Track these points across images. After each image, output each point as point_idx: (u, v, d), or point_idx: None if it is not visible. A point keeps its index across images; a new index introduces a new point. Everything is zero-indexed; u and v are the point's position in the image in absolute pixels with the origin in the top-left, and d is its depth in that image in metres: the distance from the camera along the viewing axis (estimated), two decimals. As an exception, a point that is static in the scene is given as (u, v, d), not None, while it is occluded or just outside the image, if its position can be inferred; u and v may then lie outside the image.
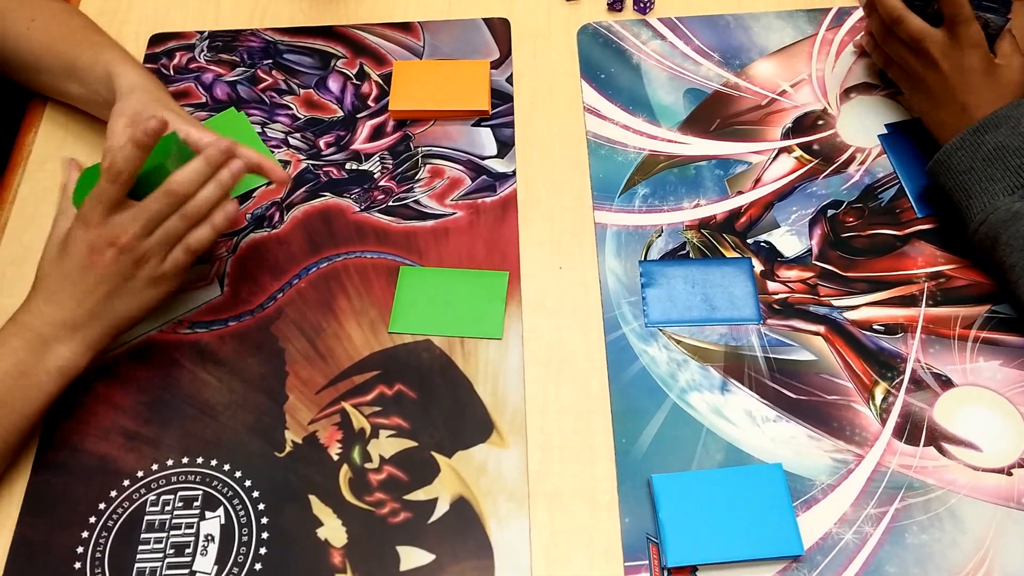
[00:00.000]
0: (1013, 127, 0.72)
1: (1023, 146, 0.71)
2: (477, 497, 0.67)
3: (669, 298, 0.76)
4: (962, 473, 0.67)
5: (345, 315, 0.75)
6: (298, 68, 0.91)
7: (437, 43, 0.93)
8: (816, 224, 0.80)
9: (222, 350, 0.73)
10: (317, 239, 0.80)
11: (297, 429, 0.70)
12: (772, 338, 0.74)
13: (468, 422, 0.70)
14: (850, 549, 0.65)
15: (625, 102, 0.88)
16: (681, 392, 0.71)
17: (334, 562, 0.64)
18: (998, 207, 0.71)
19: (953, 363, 0.72)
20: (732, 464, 0.68)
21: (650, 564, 0.64)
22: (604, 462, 0.69)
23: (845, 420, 0.70)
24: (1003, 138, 0.72)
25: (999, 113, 0.72)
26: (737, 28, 0.93)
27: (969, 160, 0.73)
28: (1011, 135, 0.71)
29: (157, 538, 0.65)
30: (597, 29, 0.94)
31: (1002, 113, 0.72)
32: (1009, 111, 0.72)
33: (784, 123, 0.86)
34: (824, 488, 0.67)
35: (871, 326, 0.74)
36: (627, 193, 0.82)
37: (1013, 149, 0.71)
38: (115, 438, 0.69)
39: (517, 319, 0.75)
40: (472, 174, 0.84)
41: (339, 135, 0.86)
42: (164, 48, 0.93)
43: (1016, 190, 0.71)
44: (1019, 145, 0.71)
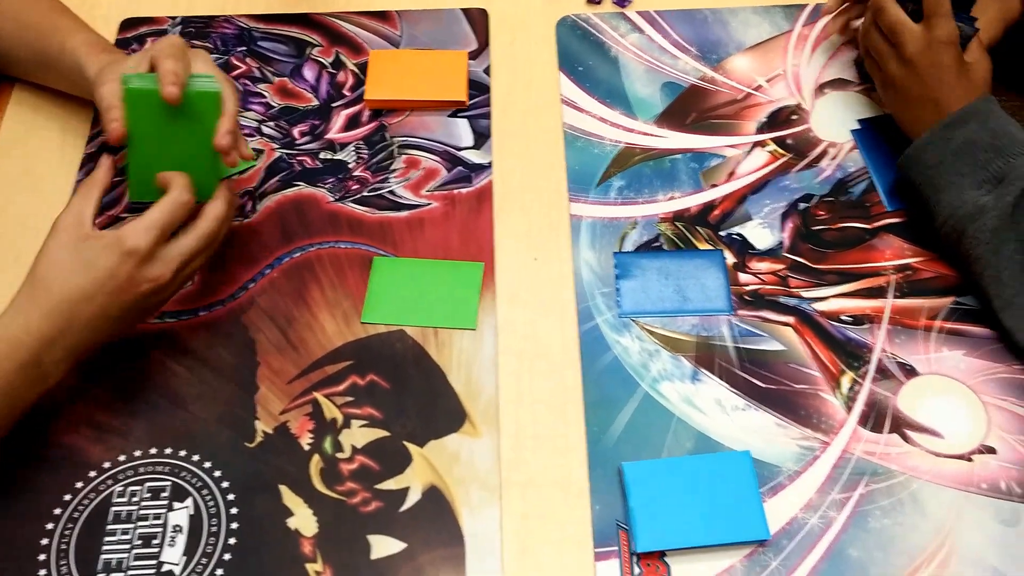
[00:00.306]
0: (982, 122, 0.73)
1: (991, 141, 0.72)
2: (449, 486, 0.67)
3: (642, 289, 0.77)
4: (924, 459, 0.69)
5: (318, 305, 0.75)
6: (273, 56, 0.91)
7: (415, 32, 0.93)
8: (788, 217, 0.81)
9: (192, 340, 0.73)
10: (290, 229, 0.79)
11: (268, 419, 0.70)
12: (742, 328, 0.75)
13: (441, 412, 0.70)
14: (815, 533, 0.65)
15: (602, 95, 0.88)
16: (653, 382, 0.72)
17: (304, 552, 0.64)
18: (965, 201, 0.72)
19: (918, 353, 0.73)
20: (702, 452, 0.69)
21: (620, 550, 0.65)
22: (576, 451, 0.69)
23: (812, 408, 0.71)
24: (972, 133, 0.73)
25: (968, 108, 0.74)
26: (715, 22, 0.94)
27: (939, 155, 0.74)
28: (980, 130, 0.73)
29: (124, 529, 0.65)
30: (576, 21, 0.94)
31: (971, 108, 0.74)
32: (979, 106, 0.74)
33: (759, 117, 0.87)
34: (791, 474, 0.68)
35: (839, 317, 0.75)
36: (603, 185, 0.83)
37: (981, 144, 0.72)
38: (82, 429, 0.69)
39: (491, 310, 0.75)
40: (448, 165, 0.84)
41: (314, 124, 0.86)
42: (135, 33, 0.92)
43: (983, 184, 0.72)
44: (987, 140, 0.72)
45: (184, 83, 0.66)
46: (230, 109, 0.69)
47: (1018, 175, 0.70)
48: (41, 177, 0.82)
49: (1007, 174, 0.71)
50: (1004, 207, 0.70)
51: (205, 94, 0.67)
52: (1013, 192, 0.70)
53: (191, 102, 0.67)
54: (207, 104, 0.68)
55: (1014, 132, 0.72)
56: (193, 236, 0.67)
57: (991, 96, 0.75)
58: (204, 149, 0.68)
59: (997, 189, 0.71)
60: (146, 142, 0.68)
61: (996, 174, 0.71)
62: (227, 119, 0.68)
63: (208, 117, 0.68)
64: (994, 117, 0.73)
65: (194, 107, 0.67)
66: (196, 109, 0.67)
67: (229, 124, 0.68)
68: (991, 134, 0.72)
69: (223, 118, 0.68)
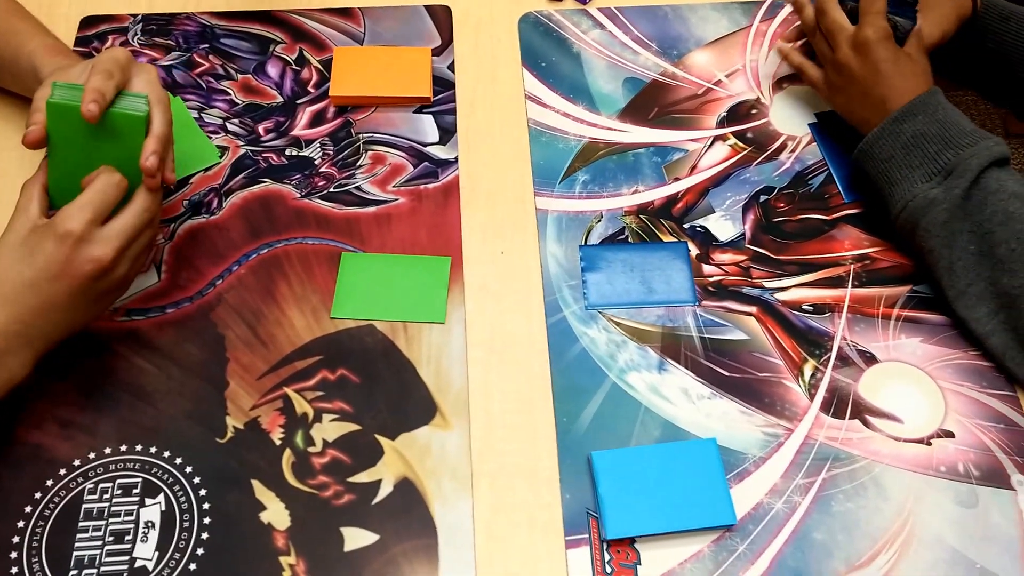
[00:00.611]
0: (931, 114, 0.75)
1: (940, 132, 0.74)
2: (421, 478, 0.67)
3: (608, 281, 0.78)
4: (885, 444, 0.70)
5: (287, 301, 0.75)
6: (236, 53, 0.90)
7: (378, 29, 0.93)
8: (749, 209, 0.82)
9: (160, 337, 0.73)
10: (257, 225, 0.79)
11: (239, 415, 0.70)
12: (707, 319, 0.76)
13: (411, 405, 0.71)
14: (780, 518, 0.67)
15: (566, 90, 0.89)
16: (620, 372, 0.73)
17: (277, 545, 0.64)
18: (916, 194, 0.74)
19: (877, 340, 0.75)
20: (669, 440, 0.70)
21: (590, 537, 0.66)
22: (545, 441, 0.70)
23: (776, 396, 0.72)
24: (921, 125, 0.74)
25: (917, 101, 0.75)
26: (675, 19, 0.95)
27: (890, 149, 0.76)
28: (928, 122, 0.74)
29: (96, 526, 0.64)
30: (538, 18, 0.95)
31: (919, 101, 0.75)
32: (927, 98, 0.75)
33: (719, 112, 0.89)
34: (756, 461, 0.69)
35: (800, 306, 0.77)
36: (568, 179, 0.83)
37: (931, 136, 0.74)
38: (50, 427, 0.68)
39: (460, 303, 0.76)
40: (414, 160, 0.84)
41: (278, 121, 0.86)
42: (96, 31, 0.91)
43: (933, 176, 0.73)
44: (936, 132, 0.74)
45: (108, 101, 0.65)
46: (157, 131, 0.67)
47: (967, 167, 0.72)
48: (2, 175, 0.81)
49: (956, 166, 0.72)
50: (954, 199, 0.72)
51: (127, 116, 0.66)
52: (962, 185, 0.72)
53: (113, 122, 0.65)
54: (131, 126, 0.66)
55: (962, 123, 0.74)
56: (130, 213, 0.65)
57: (937, 88, 0.77)
58: (130, 168, 0.66)
59: (947, 181, 0.73)
60: (67, 153, 0.66)
61: (945, 166, 0.73)
62: (152, 141, 0.66)
63: (133, 138, 0.66)
64: (942, 109, 0.75)
65: (117, 127, 0.66)
66: (119, 129, 0.66)
67: (154, 146, 0.66)
68: (939, 126, 0.74)
69: (148, 139, 0.66)
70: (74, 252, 0.63)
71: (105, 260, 0.64)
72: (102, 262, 0.63)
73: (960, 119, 0.75)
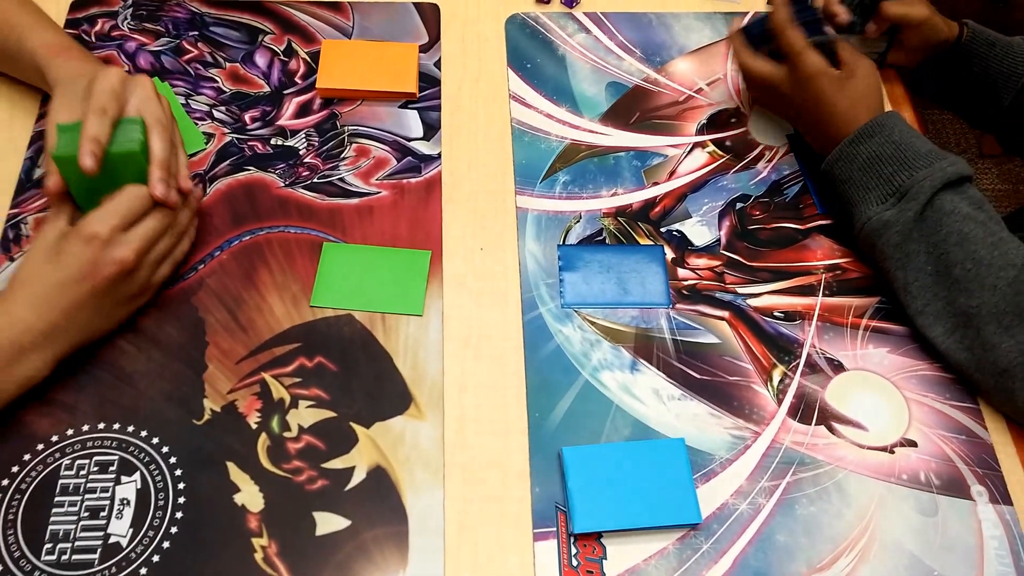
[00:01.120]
0: (886, 136, 0.76)
1: (894, 154, 0.75)
2: (394, 466, 0.68)
3: (585, 281, 0.79)
4: (849, 450, 0.72)
5: (267, 288, 0.76)
6: (225, 41, 0.91)
7: (367, 24, 0.94)
8: (725, 216, 0.84)
9: (141, 319, 0.73)
10: (240, 212, 0.80)
11: (216, 398, 0.70)
12: (680, 322, 0.77)
13: (387, 395, 0.72)
14: (744, 518, 0.69)
15: (549, 92, 0.91)
16: (593, 370, 0.74)
17: (250, 526, 0.65)
18: (871, 216, 0.75)
19: (845, 349, 0.77)
20: (638, 439, 0.71)
21: (558, 531, 0.67)
22: (517, 435, 0.71)
23: (744, 399, 0.74)
24: (876, 147, 0.76)
25: (873, 123, 0.77)
26: (659, 26, 0.97)
27: (847, 171, 0.77)
28: (883, 144, 0.76)
29: (72, 501, 0.65)
30: (525, 20, 0.96)
31: (876, 123, 0.77)
32: (883, 120, 0.77)
33: (699, 119, 0.90)
34: (723, 462, 0.71)
35: (772, 313, 0.79)
36: (548, 180, 0.85)
37: (886, 157, 0.75)
38: (29, 403, 0.68)
39: (438, 297, 0.77)
40: (398, 155, 0.85)
41: (265, 110, 0.87)
42: (86, 14, 0.91)
43: (888, 199, 0.75)
44: (891, 153, 0.75)
45: (105, 144, 0.67)
46: (158, 157, 0.70)
47: (920, 188, 0.73)
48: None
49: (910, 188, 0.73)
50: (906, 221, 0.73)
51: (123, 154, 0.68)
52: (915, 207, 0.73)
53: (113, 161, 0.68)
54: (130, 159, 0.69)
55: (918, 145, 0.75)
56: (152, 218, 0.69)
57: (894, 111, 0.78)
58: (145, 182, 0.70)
59: (900, 204, 0.74)
60: (84, 186, 0.69)
61: (899, 188, 0.74)
62: (155, 169, 0.70)
63: (136, 163, 0.69)
64: (898, 131, 0.76)
65: (118, 163, 0.68)
66: (122, 163, 0.69)
67: (158, 173, 0.69)
68: (894, 147, 0.75)
69: (152, 167, 0.70)
70: (99, 254, 0.66)
71: (128, 262, 0.67)
72: (126, 264, 0.67)
73: (916, 140, 0.76)
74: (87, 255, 0.65)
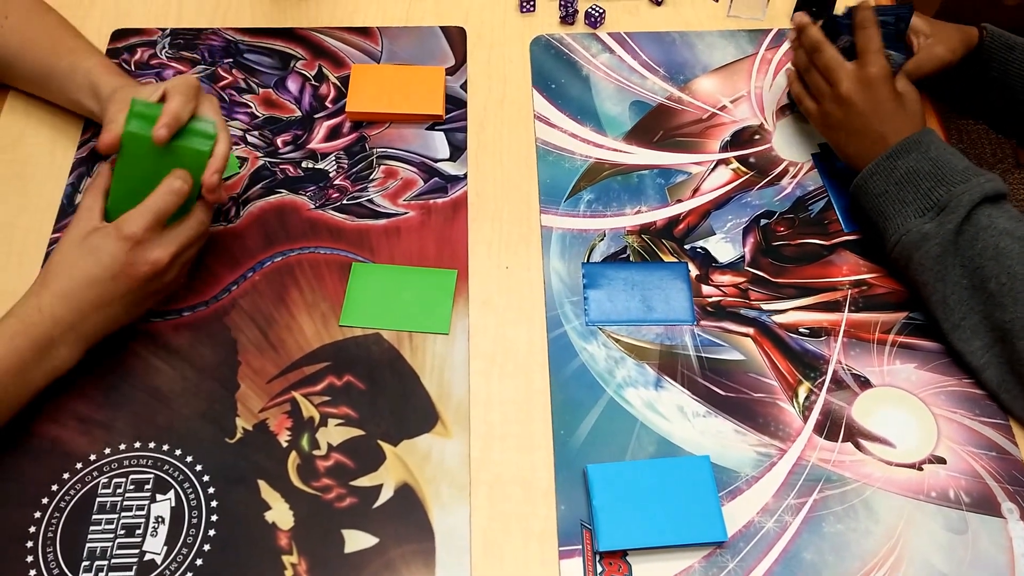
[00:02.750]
0: (924, 152, 0.76)
1: (932, 170, 0.75)
2: (420, 484, 0.69)
3: (609, 299, 0.80)
4: (876, 467, 0.72)
5: (297, 308, 0.78)
6: (258, 68, 0.93)
7: (395, 48, 0.96)
8: (749, 232, 0.84)
9: (176, 339, 0.75)
10: (272, 234, 0.82)
11: (248, 416, 0.72)
12: (704, 338, 0.78)
13: (414, 412, 0.73)
14: (770, 537, 0.68)
15: (574, 111, 0.92)
16: (617, 387, 0.75)
17: (280, 544, 0.66)
18: (909, 229, 0.75)
19: (872, 365, 0.77)
20: (663, 456, 0.71)
21: (583, 549, 0.68)
22: (543, 452, 0.72)
23: (770, 416, 0.74)
24: (914, 163, 0.76)
25: (911, 139, 0.77)
26: (682, 45, 0.98)
27: (884, 184, 0.77)
28: (921, 160, 0.76)
29: (108, 519, 0.67)
30: (549, 41, 0.97)
31: (913, 139, 0.77)
32: (920, 137, 0.77)
33: (723, 136, 0.91)
34: (748, 479, 0.71)
35: (797, 329, 0.79)
36: (573, 198, 0.86)
37: (923, 173, 0.75)
38: (68, 421, 0.71)
39: (464, 315, 0.78)
40: (425, 176, 0.87)
41: (296, 134, 0.89)
42: (126, 44, 0.94)
43: (926, 212, 0.75)
44: (929, 169, 0.75)
45: (179, 126, 0.70)
46: (220, 152, 0.73)
47: (959, 203, 0.73)
48: (32, 180, 0.84)
49: (948, 202, 0.73)
50: (946, 234, 0.73)
51: (195, 152, 0.71)
52: (954, 220, 0.73)
53: (180, 154, 0.71)
54: (196, 158, 0.71)
55: (954, 162, 0.75)
56: (189, 223, 0.72)
57: (930, 128, 0.78)
58: None
59: (939, 217, 0.74)
60: (135, 167, 0.71)
61: (938, 202, 0.74)
62: (216, 160, 0.72)
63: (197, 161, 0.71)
64: (935, 147, 0.76)
65: (184, 157, 0.71)
66: (186, 158, 0.71)
67: (217, 165, 0.72)
68: (932, 163, 0.75)
69: (213, 159, 0.72)
70: (135, 253, 0.68)
71: (161, 263, 0.69)
72: (159, 264, 0.69)
73: (953, 157, 0.76)
74: (123, 254, 0.68)
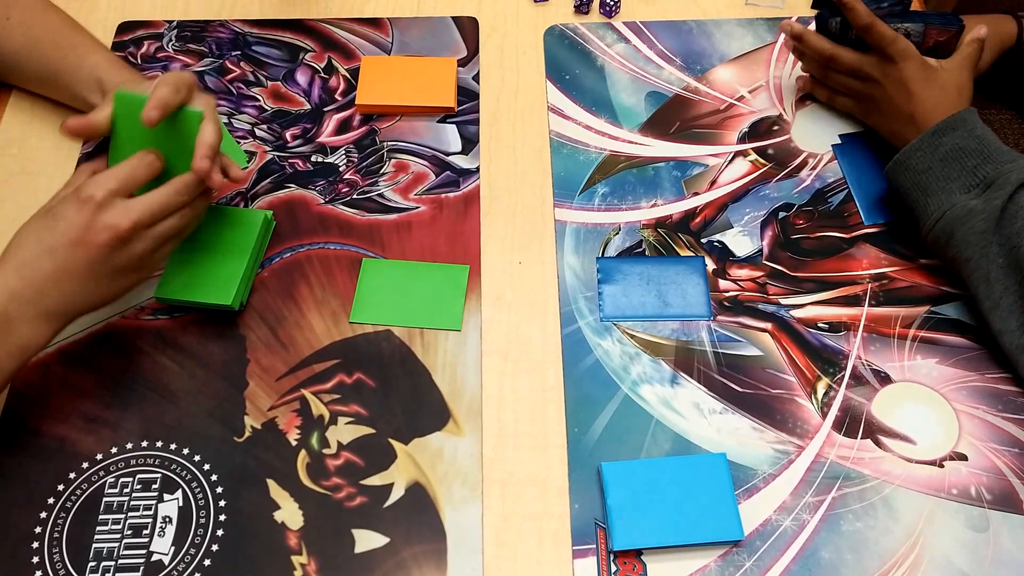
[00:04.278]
0: (969, 130, 0.75)
1: (978, 147, 0.74)
2: (432, 482, 0.68)
3: (624, 294, 0.78)
4: (896, 464, 0.70)
5: (307, 304, 0.77)
6: (266, 60, 0.92)
7: (406, 40, 0.94)
8: (767, 225, 0.83)
9: (184, 337, 0.75)
10: (281, 229, 0.81)
11: (257, 415, 0.71)
12: (721, 334, 0.76)
13: (425, 410, 0.72)
14: (788, 535, 0.67)
15: (588, 103, 0.90)
16: (633, 384, 0.74)
17: (290, 544, 0.66)
18: (955, 204, 0.74)
19: (892, 360, 0.75)
20: (679, 453, 0.70)
21: (597, 548, 0.67)
22: (556, 450, 0.71)
23: (788, 413, 0.73)
24: (959, 140, 0.75)
25: (955, 117, 0.76)
26: (699, 34, 0.96)
27: (928, 160, 0.76)
28: (967, 137, 0.75)
29: (115, 519, 0.66)
30: (563, 31, 0.96)
31: (958, 117, 0.76)
32: (965, 115, 0.76)
33: (741, 128, 0.89)
34: (765, 477, 0.70)
35: (816, 324, 0.77)
36: (587, 192, 0.84)
37: (969, 150, 0.74)
38: (75, 421, 0.70)
39: (476, 311, 0.77)
40: (436, 169, 0.85)
41: (305, 128, 0.88)
42: (132, 36, 0.93)
43: (972, 188, 0.74)
44: (975, 147, 0.74)
45: (168, 110, 0.66)
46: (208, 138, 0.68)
47: (1007, 180, 0.72)
48: (36, 176, 0.84)
49: (995, 179, 0.72)
50: (993, 210, 0.72)
51: (186, 112, 0.67)
52: (1002, 196, 0.71)
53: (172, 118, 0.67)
54: (187, 123, 0.68)
55: (998, 142, 0.75)
56: (159, 192, 0.66)
57: (973, 108, 0.77)
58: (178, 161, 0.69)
59: (986, 193, 0.73)
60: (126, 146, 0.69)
61: (984, 179, 0.73)
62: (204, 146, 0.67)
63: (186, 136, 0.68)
64: (980, 126, 0.76)
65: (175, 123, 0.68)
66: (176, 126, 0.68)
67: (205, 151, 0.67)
68: (978, 141, 0.75)
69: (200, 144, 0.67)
70: (93, 218, 0.63)
71: (121, 229, 0.63)
72: (118, 230, 0.63)
73: (996, 139, 0.75)
74: (81, 218, 0.63)
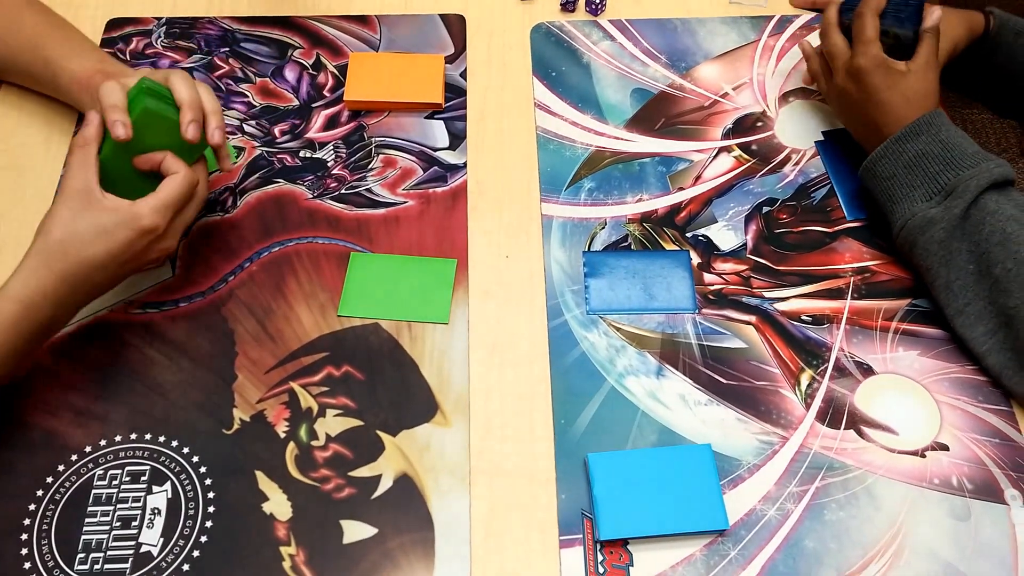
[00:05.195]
0: (933, 135, 0.75)
1: (941, 153, 0.74)
2: (420, 474, 0.69)
3: (610, 287, 0.79)
4: (879, 455, 0.71)
5: (295, 298, 0.77)
6: (255, 57, 0.93)
7: (393, 36, 0.95)
8: (751, 220, 0.83)
9: (172, 330, 0.75)
10: (269, 224, 0.81)
11: (245, 407, 0.71)
12: (706, 327, 0.77)
13: (413, 402, 0.72)
14: (772, 525, 0.68)
15: (574, 99, 0.91)
16: (619, 376, 0.74)
17: (279, 535, 0.66)
18: (915, 213, 0.74)
19: (874, 352, 0.76)
20: (665, 445, 0.71)
21: (584, 538, 0.67)
22: (543, 442, 0.71)
23: (772, 404, 0.73)
24: (923, 145, 0.75)
25: (920, 121, 0.76)
26: (684, 32, 0.97)
27: (892, 167, 0.77)
28: (931, 143, 0.75)
29: (104, 511, 0.67)
30: (550, 28, 0.96)
31: (923, 121, 0.76)
32: (930, 119, 0.76)
33: (725, 124, 0.90)
34: (750, 468, 0.70)
35: (799, 317, 0.78)
36: (573, 187, 0.85)
37: (932, 156, 0.75)
38: (64, 414, 0.70)
39: (464, 305, 0.77)
40: (424, 165, 0.86)
41: (294, 123, 0.88)
42: (121, 33, 0.94)
43: (933, 196, 0.74)
44: (938, 152, 0.75)
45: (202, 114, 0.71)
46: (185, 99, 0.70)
47: (966, 187, 0.72)
48: (26, 170, 0.84)
49: (956, 186, 0.73)
50: (952, 219, 0.72)
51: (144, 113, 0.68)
52: (960, 205, 0.72)
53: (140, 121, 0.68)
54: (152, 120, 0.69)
55: (964, 145, 0.75)
56: (192, 207, 0.72)
57: (940, 111, 0.77)
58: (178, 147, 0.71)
59: (946, 201, 0.73)
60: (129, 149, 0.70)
61: (945, 186, 0.73)
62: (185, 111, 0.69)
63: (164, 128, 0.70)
64: (945, 130, 0.75)
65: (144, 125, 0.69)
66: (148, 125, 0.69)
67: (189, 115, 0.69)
68: (942, 146, 0.75)
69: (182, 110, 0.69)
70: (152, 246, 0.69)
71: (171, 250, 0.71)
72: (169, 252, 0.71)
73: (963, 141, 0.75)
74: (140, 245, 0.68)
